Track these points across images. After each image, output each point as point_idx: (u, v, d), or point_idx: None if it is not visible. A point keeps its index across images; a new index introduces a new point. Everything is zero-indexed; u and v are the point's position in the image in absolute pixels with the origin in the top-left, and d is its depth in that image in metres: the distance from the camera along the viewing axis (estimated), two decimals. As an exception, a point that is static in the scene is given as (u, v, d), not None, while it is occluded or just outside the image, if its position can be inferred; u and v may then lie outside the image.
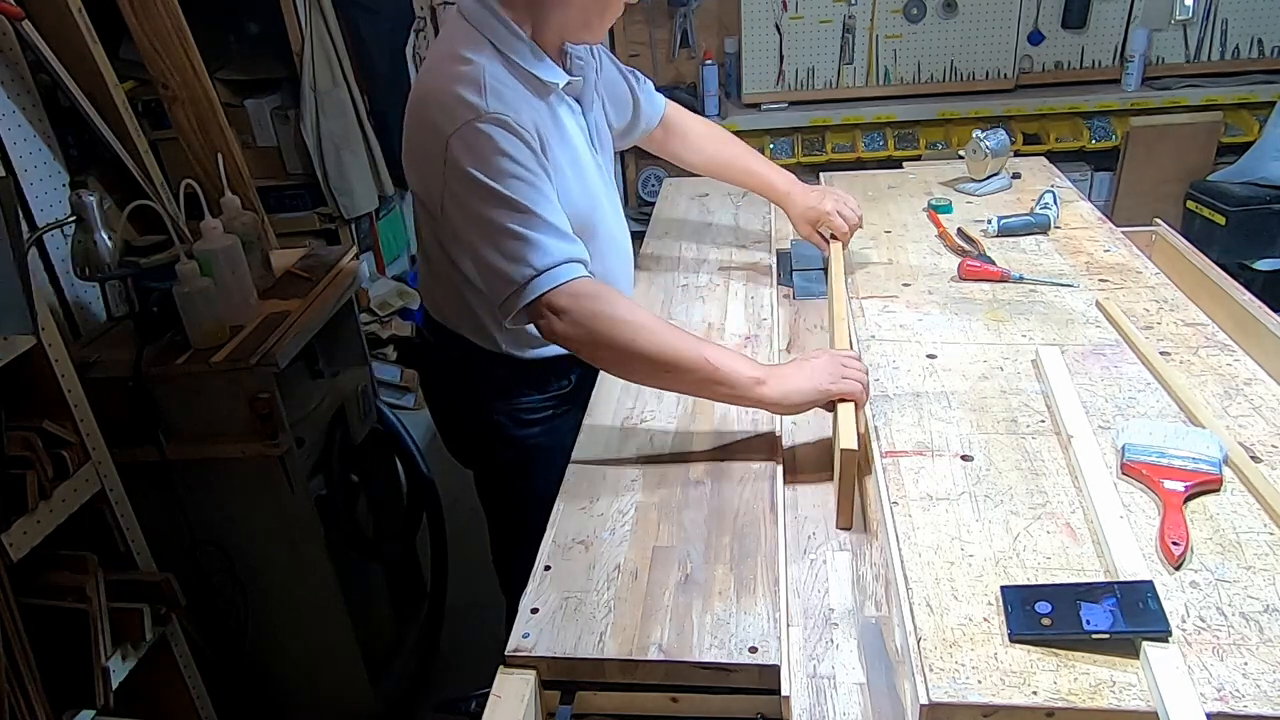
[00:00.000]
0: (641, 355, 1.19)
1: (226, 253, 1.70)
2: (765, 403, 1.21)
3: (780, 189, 1.74)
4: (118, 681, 1.36)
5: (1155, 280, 1.60)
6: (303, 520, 1.81)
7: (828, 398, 1.20)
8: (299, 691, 2.04)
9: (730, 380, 1.19)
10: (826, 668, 0.95)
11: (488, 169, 1.19)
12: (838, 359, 1.23)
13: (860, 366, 1.24)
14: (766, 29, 3.59)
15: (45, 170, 1.76)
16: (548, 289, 1.19)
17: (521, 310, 1.22)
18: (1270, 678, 0.81)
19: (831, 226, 1.68)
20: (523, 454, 1.54)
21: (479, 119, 1.19)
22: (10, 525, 1.22)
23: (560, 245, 1.21)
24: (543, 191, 1.22)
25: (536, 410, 1.53)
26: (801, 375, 1.20)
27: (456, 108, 1.20)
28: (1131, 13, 3.48)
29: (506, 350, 1.47)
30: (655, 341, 1.19)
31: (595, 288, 1.22)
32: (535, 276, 1.19)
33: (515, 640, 0.95)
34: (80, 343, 1.74)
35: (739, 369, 1.19)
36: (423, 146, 1.27)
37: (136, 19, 1.98)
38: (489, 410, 1.52)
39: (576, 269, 1.21)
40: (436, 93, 1.24)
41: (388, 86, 3.33)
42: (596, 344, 1.21)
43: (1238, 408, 1.21)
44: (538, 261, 1.19)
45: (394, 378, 3.52)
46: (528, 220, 1.19)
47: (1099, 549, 0.98)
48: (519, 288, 1.20)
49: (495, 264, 1.21)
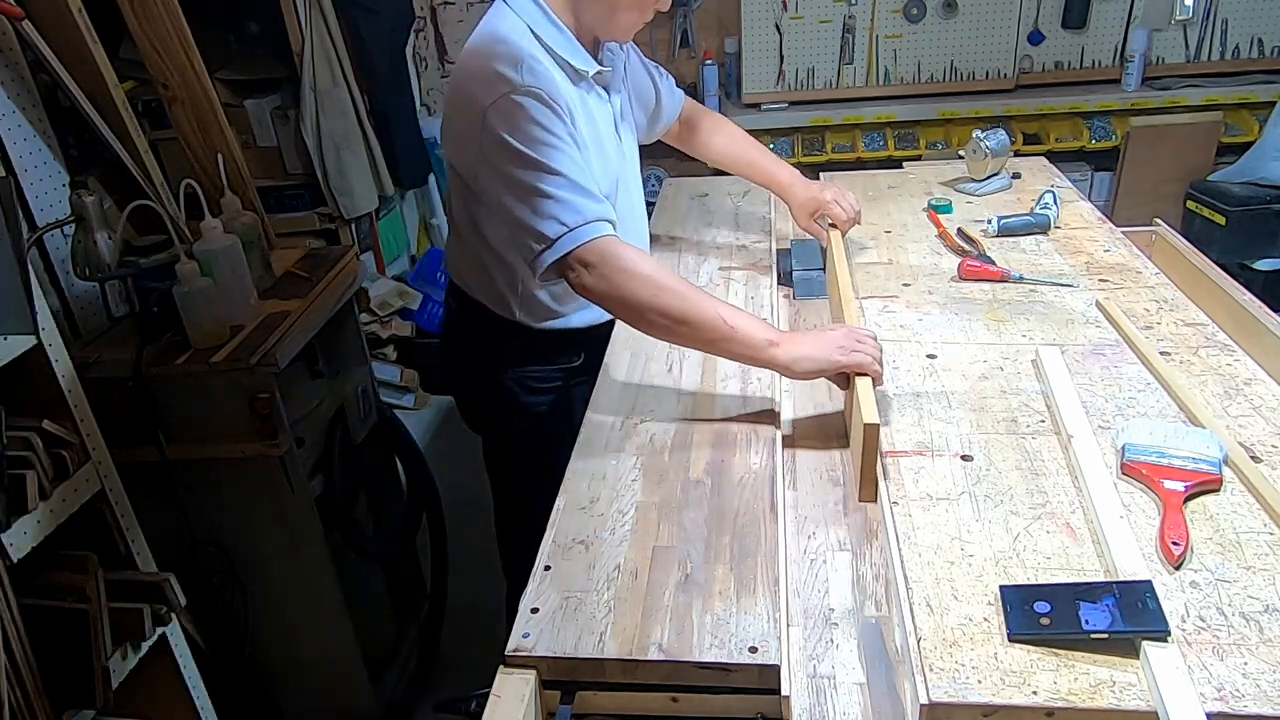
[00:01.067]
0: (661, 311, 1.25)
1: (226, 253, 1.70)
2: (776, 364, 1.25)
3: (783, 181, 1.81)
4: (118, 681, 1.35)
5: (1155, 280, 1.60)
6: (303, 520, 1.81)
7: (837, 369, 1.23)
8: (299, 692, 2.04)
9: (744, 340, 1.24)
10: (826, 668, 0.95)
11: (521, 135, 1.28)
12: (853, 333, 1.25)
13: (874, 343, 1.25)
14: (766, 29, 3.58)
15: (45, 170, 1.76)
16: (577, 244, 1.27)
17: (552, 265, 1.29)
18: (1270, 678, 0.81)
19: (831, 215, 1.74)
20: (532, 422, 1.65)
21: (514, 91, 1.28)
22: (10, 525, 1.22)
23: (590, 205, 1.29)
24: (573, 157, 1.31)
25: (545, 380, 1.63)
26: (814, 343, 1.24)
27: (495, 81, 1.29)
28: (1131, 13, 3.48)
29: (521, 320, 1.57)
30: (675, 299, 1.25)
31: (622, 246, 1.29)
32: (566, 233, 1.27)
33: (515, 640, 0.95)
34: (80, 343, 1.74)
35: (753, 330, 1.24)
36: (462, 118, 1.36)
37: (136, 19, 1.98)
38: (501, 377, 1.62)
39: (605, 227, 1.29)
40: (477, 69, 1.33)
41: (388, 86, 3.34)
42: (620, 298, 1.28)
43: (1238, 408, 1.21)
44: (568, 219, 1.27)
45: (394, 378, 3.52)
46: (558, 181, 1.27)
47: (1099, 549, 0.98)
48: (550, 243, 1.28)
49: (528, 222, 1.29)
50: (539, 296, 1.56)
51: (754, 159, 1.84)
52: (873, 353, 1.22)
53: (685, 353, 1.51)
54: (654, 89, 1.74)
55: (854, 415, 1.19)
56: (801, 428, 1.35)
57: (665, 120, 1.80)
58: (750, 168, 1.85)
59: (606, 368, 1.50)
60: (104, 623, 1.33)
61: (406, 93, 3.50)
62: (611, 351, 1.55)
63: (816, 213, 1.77)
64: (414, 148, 3.55)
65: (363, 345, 2.15)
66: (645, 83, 1.72)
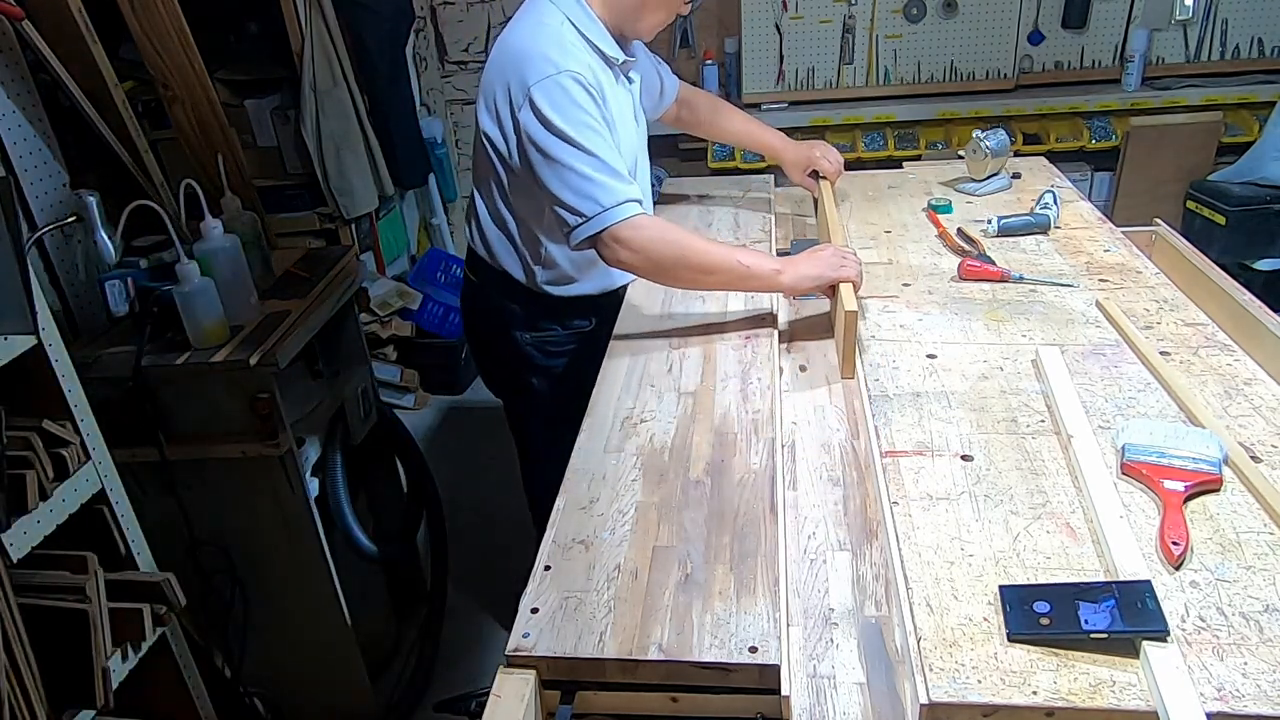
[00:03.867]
0: (689, 266, 1.50)
1: (226, 253, 1.70)
2: (783, 287, 1.54)
3: (776, 145, 2.07)
4: (118, 681, 1.35)
5: (1155, 280, 1.60)
6: (302, 520, 1.81)
7: (829, 282, 1.51)
8: (299, 691, 2.04)
9: (758, 274, 1.51)
10: (826, 668, 0.95)
11: (563, 115, 1.45)
12: (839, 252, 1.52)
13: (855, 259, 1.53)
14: (766, 29, 3.58)
15: (45, 170, 1.76)
16: (612, 223, 1.46)
17: (586, 239, 1.49)
18: (1270, 677, 0.81)
19: (820, 169, 2.01)
20: (550, 382, 1.83)
21: (558, 73, 1.45)
22: (10, 525, 1.22)
23: (621, 186, 1.47)
24: (606, 139, 1.49)
25: (560, 344, 1.81)
26: (809, 264, 1.51)
27: (540, 63, 1.46)
28: (1131, 13, 3.48)
29: (541, 286, 1.73)
30: (696, 256, 1.50)
31: (649, 221, 1.51)
32: (602, 212, 1.46)
33: (515, 640, 0.95)
34: (80, 343, 1.74)
35: (764, 264, 1.52)
36: (503, 93, 1.51)
37: (136, 19, 1.98)
38: (520, 341, 1.79)
39: (635, 207, 1.48)
40: (523, 49, 1.49)
41: (388, 86, 3.33)
42: (653, 265, 1.51)
43: (1238, 408, 1.21)
44: (604, 199, 1.46)
45: (394, 378, 3.52)
46: (594, 162, 1.46)
47: (1099, 549, 0.98)
48: (586, 220, 1.47)
49: (567, 200, 1.47)
50: (559, 263, 1.71)
51: (749, 129, 2.09)
52: (855, 267, 1.51)
53: (685, 353, 1.51)
54: (658, 76, 1.92)
55: (838, 310, 1.46)
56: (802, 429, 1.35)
57: (665, 103, 1.99)
58: (746, 136, 2.10)
59: (607, 367, 1.50)
60: (104, 623, 1.33)
61: (406, 93, 3.50)
62: (612, 351, 1.55)
63: (807, 168, 2.02)
64: (414, 148, 3.55)
65: (363, 345, 2.15)
66: (651, 71, 1.89)
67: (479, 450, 3.29)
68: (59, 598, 1.30)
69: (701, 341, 1.55)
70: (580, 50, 1.51)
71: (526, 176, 1.54)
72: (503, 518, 2.78)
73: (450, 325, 3.65)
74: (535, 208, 1.62)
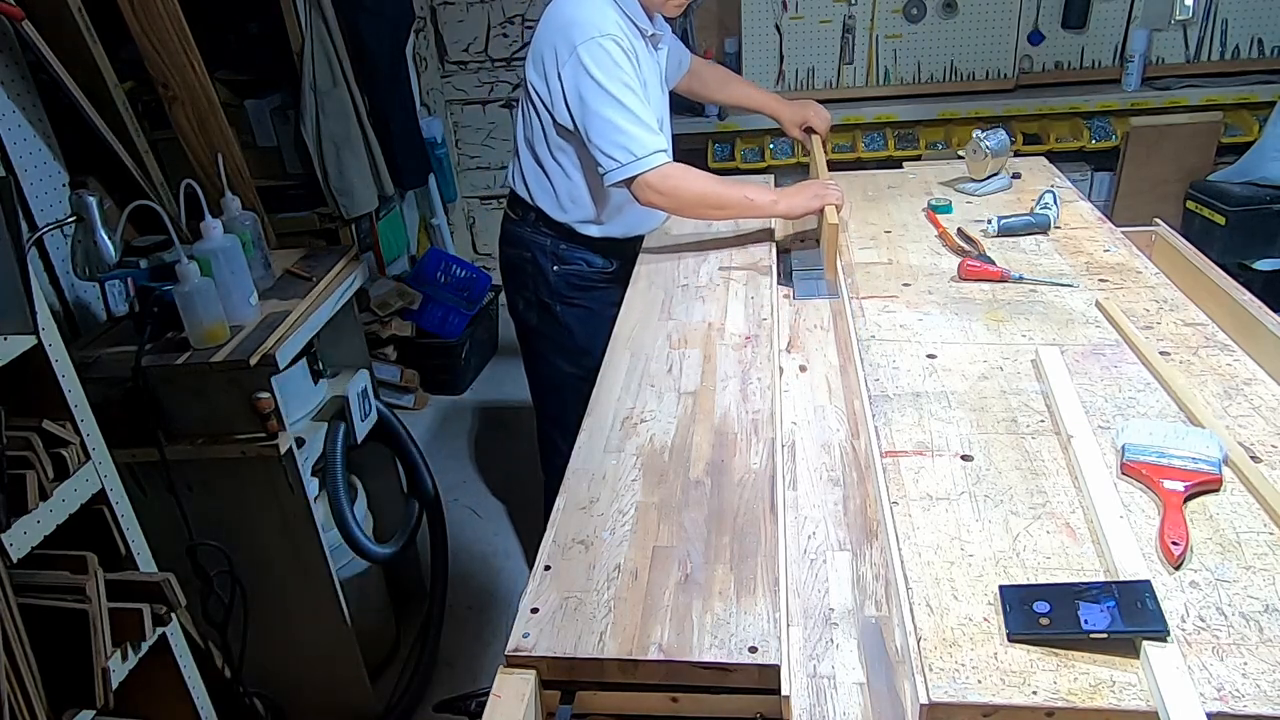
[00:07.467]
0: (707, 204, 1.85)
1: (226, 253, 1.70)
2: (780, 212, 1.88)
3: (774, 105, 2.36)
4: (118, 681, 1.35)
5: (1155, 280, 1.60)
6: (302, 520, 1.81)
7: (818, 205, 1.83)
8: (299, 691, 2.04)
9: (761, 206, 1.86)
10: (826, 668, 0.95)
11: (604, 74, 1.73)
12: (824, 183, 1.87)
13: (838, 186, 1.85)
14: (766, 29, 3.58)
15: (45, 170, 1.76)
16: (644, 170, 1.76)
17: (620, 182, 1.79)
18: (1270, 678, 0.81)
19: (813, 125, 2.30)
20: (578, 313, 2.08)
21: (601, 35, 1.74)
22: (10, 525, 1.22)
23: (652, 138, 1.76)
24: (639, 96, 1.77)
25: (586, 279, 2.06)
26: (802, 194, 1.86)
27: (586, 27, 1.75)
28: (1131, 13, 3.48)
29: (573, 223, 2.00)
30: (713, 196, 1.84)
31: (674, 169, 1.80)
32: (634, 160, 1.75)
33: (515, 640, 0.95)
34: (80, 343, 1.74)
35: (765, 197, 1.85)
36: (551, 53, 1.79)
37: (136, 19, 1.98)
38: (550, 273, 2.04)
39: (663, 156, 1.78)
40: (570, 17, 1.78)
41: (388, 87, 3.33)
42: (678, 204, 1.83)
43: (1238, 408, 1.21)
44: (636, 150, 1.75)
45: (394, 378, 3.52)
46: (630, 116, 1.74)
47: (1099, 549, 0.98)
48: (621, 166, 1.76)
49: (605, 148, 1.76)
50: (588, 205, 1.97)
51: (748, 92, 2.40)
52: (838, 193, 1.83)
53: (685, 353, 1.52)
54: (680, 50, 2.23)
55: (824, 225, 1.76)
56: (802, 428, 1.35)
57: (680, 73, 2.28)
58: (747, 99, 2.39)
59: (607, 366, 1.50)
60: (104, 623, 1.33)
61: (406, 93, 3.50)
62: (612, 351, 1.55)
63: (803, 124, 2.31)
64: (414, 148, 3.55)
65: (363, 345, 2.16)
66: (677, 44, 2.20)
67: (479, 450, 3.29)
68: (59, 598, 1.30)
69: (701, 341, 1.55)
70: (620, 18, 1.80)
71: (568, 124, 1.82)
72: (503, 517, 2.78)
73: (450, 325, 3.65)
74: (571, 154, 1.91)
